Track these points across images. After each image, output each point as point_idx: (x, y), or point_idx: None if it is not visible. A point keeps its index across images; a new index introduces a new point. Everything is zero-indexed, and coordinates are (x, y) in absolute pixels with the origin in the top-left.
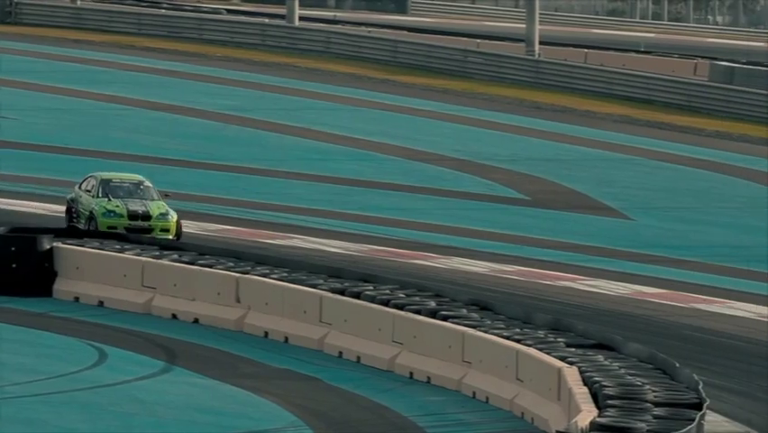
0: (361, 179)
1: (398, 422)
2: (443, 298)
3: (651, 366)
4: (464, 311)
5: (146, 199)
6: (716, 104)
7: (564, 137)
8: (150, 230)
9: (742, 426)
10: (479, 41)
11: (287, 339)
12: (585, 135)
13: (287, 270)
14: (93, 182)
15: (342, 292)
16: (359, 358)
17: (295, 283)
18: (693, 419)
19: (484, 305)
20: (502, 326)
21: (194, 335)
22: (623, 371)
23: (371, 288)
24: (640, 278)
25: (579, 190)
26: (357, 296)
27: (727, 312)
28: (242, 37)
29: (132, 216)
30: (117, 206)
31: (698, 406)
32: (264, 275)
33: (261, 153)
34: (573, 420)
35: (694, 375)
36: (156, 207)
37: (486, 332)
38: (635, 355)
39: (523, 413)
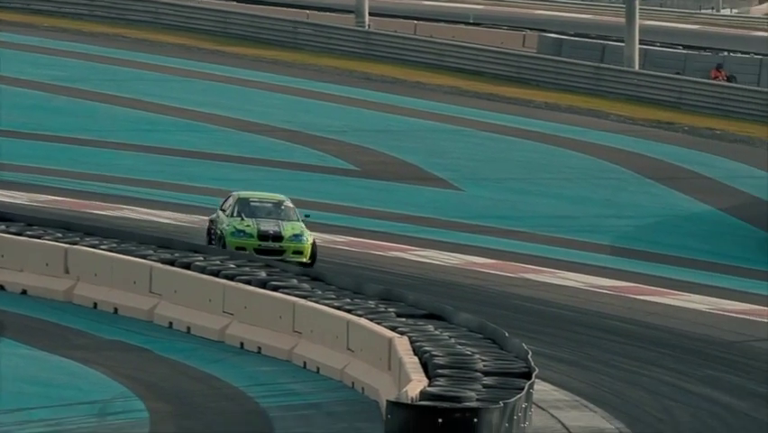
0: (192, 150)
1: (229, 392)
2: (273, 268)
3: (481, 336)
4: (295, 282)
5: (282, 220)
6: (544, 75)
7: (394, 108)
8: (281, 252)
9: (570, 394)
10: (308, 12)
11: (116, 310)
12: (415, 107)
13: (116, 240)
14: (231, 201)
15: (172, 263)
16: (189, 329)
17: (124, 254)
18: (522, 388)
19: (315, 275)
20: (333, 296)
21: (22, 306)
22: (453, 340)
23: (202, 258)
24: (470, 248)
25: (409, 161)
26: (187, 267)
27: (556, 282)
28: (70, 7)
29: (263, 236)
30: (248, 225)
31: (527, 375)
32: (93, 246)
33: (91, 124)
34: (404, 390)
35: (523, 345)
36: (290, 228)
37: (316, 302)
38: (465, 325)
39: (353, 383)
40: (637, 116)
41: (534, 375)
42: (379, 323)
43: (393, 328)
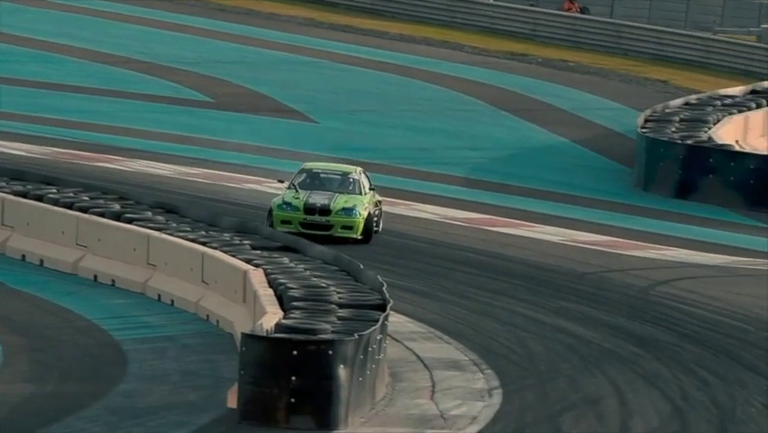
0: (45, 81)
1: (83, 325)
2: (127, 201)
3: (336, 268)
4: (149, 214)
5: (344, 193)
6: (398, 7)
7: (249, 40)
8: (328, 226)
9: (425, 326)
10: None
11: None
12: (270, 38)
13: None
14: (298, 175)
15: (24, 195)
16: (42, 261)
17: None
18: (377, 320)
19: (169, 208)
20: (188, 228)
21: None
22: (308, 273)
23: (55, 191)
24: None
25: (264, 93)
26: (40, 199)
27: (411, 214)
28: None
29: (309, 209)
30: (297, 198)
31: (381, 307)
32: None
33: None
34: (259, 322)
35: (378, 277)
36: (343, 200)
37: (171, 235)
38: (320, 258)
39: (208, 315)
40: (491, 48)
41: (388, 307)
42: (234, 255)
43: (248, 261)
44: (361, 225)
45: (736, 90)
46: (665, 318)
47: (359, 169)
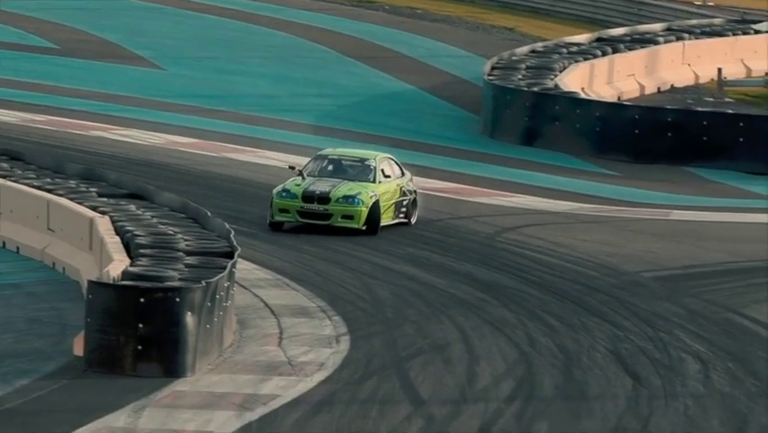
0: None
1: None
2: None
3: (183, 216)
4: None
5: (355, 180)
6: None
7: None
8: (327, 216)
9: (273, 273)
10: None
11: None
12: None
13: None
14: (312, 161)
15: None
16: None
17: None
18: (224, 268)
19: (14, 155)
20: (33, 176)
21: None
22: (155, 220)
23: None
24: (172, 127)
25: (109, 39)
26: None
27: (259, 161)
28: None
29: (307, 197)
30: (297, 185)
31: (229, 254)
32: None
33: None
34: (105, 270)
35: (226, 224)
36: (347, 188)
37: (16, 182)
38: (167, 205)
39: (54, 263)
40: None
41: (236, 255)
42: (80, 203)
43: (94, 208)
44: (364, 215)
45: (582, 38)
46: (511, 265)
47: (381, 155)
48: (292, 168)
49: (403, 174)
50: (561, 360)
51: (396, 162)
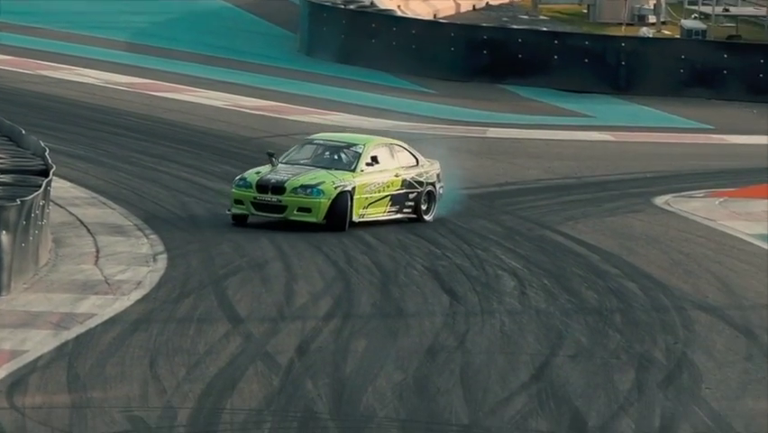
0: None
1: None
2: None
3: None
4: None
5: (327, 168)
6: None
7: None
8: (280, 208)
9: (89, 191)
10: None
11: None
12: None
13: None
14: (296, 147)
15: None
16: None
17: None
18: (40, 186)
19: None
20: None
21: None
22: None
23: None
24: None
25: None
26: None
27: (74, 79)
28: None
29: (262, 186)
30: (258, 172)
31: (44, 173)
32: None
33: None
34: None
35: (41, 142)
36: (309, 177)
37: None
38: None
39: None
40: None
41: (51, 173)
42: None
43: None
44: (324, 208)
45: None
46: None
47: (377, 140)
48: (270, 154)
49: (417, 163)
50: (378, 278)
51: (406, 149)
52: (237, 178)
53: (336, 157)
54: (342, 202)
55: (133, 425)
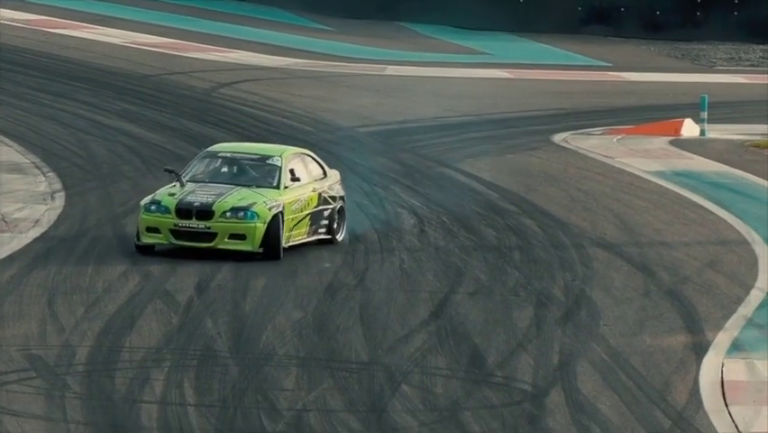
0: None
1: None
2: None
3: None
4: None
5: (247, 186)
6: None
7: None
8: (209, 236)
9: None
10: None
11: None
12: None
13: None
14: (196, 161)
15: None
16: None
17: None
18: None
19: None
20: None
21: None
22: None
23: None
24: None
25: None
26: None
27: None
28: None
29: (183, 211)
30: (172, 194)
31: None
32: None
33: None
34: None
35: None
36: (238, 198)
37: None
38: None
39: None
40: None
41: None
42: None
43: None
44: (260, 234)
45: None
46: (228, 121)
47: (291, 151)
48: (169, 171)
49: (325, 175)
50: None
51: (314, 159)
52: (147, 202)
53: (254, 172)
54: (275, 225)
55: (32, 363)
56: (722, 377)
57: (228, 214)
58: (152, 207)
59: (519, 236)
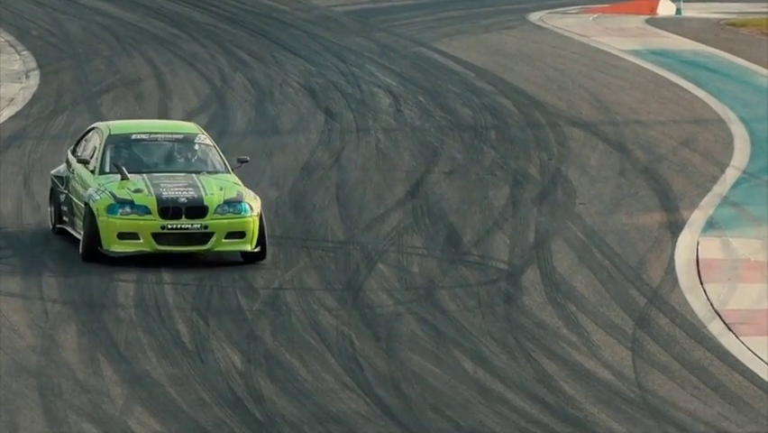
0: None
1: None
2: None
3: None
4: None
5: (197, 173)
6: None
7: None
8: (205, 237)
9: None
10: None
11: None
12: None
13: None
14: (95, 141)
15: None
16: None
17: None
18: None
19: None
20: None
21: None
22: None
23: None
24: None
25: None
26: None
27: None
28: None
29: (168, 209)
30: (138, 189)
31: None
32: None
33: None
34: None
35: None
36: (216, 185)
37: None
38: None
39: None
40: None
41: None
42: None
43: None
44: (256, 229)
45: None
46: (203, 0)
47: (197, 127)
48: (117, 166)
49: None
50: (253, 95)
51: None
52: (106, 201)
53: (190, 155)
54: (261, 219)
55: (8, 241)
56: (697, 255)
57: (224, 207)
58: (120, 208)
59: (495, 116)
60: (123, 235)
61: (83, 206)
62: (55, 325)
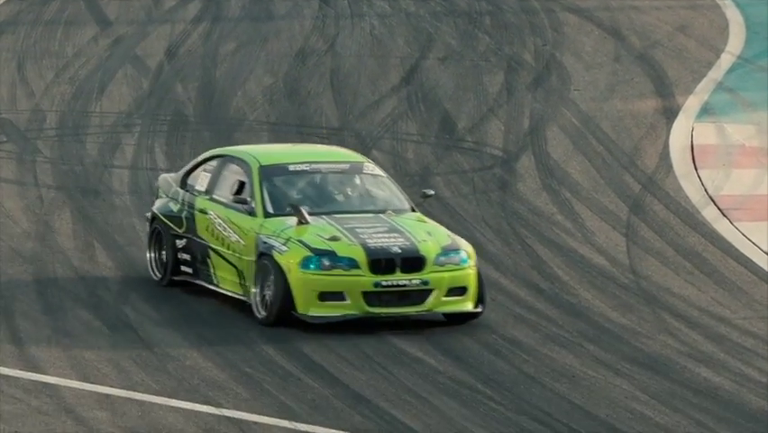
0: None
1: None
2: None
3: None
4: None
5: (381, 212)
6: None
7: None
8: (423, 294)
9: None
10: None
11: None
12: None
13: None
14: (238, 174)
15: None
16: None
17: None
18: None
19: None
20: None
21: None
22: None
23: None
24: None
25: None
26: None
27: None
28: None
29: (379, 261)
30: (335, 237)
31: None
32: None
33: None
34: None
35: None
36: (420, 230)
37: None
38: None
39: None
40: None
41: None
42: None
43: None
44: (475, 282)
45: None
46: None
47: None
48: (293, 205)
49: None
50: None
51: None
52: (306, 256)
53: (362, 191)
54: (479, 270)
55: (2, 127)
56: (692, 141)
57: (442, 258)
58: (318, 262)
59: (489, 1)
60: (325, 296)
61: (235, 255)
62: (50, 211)
